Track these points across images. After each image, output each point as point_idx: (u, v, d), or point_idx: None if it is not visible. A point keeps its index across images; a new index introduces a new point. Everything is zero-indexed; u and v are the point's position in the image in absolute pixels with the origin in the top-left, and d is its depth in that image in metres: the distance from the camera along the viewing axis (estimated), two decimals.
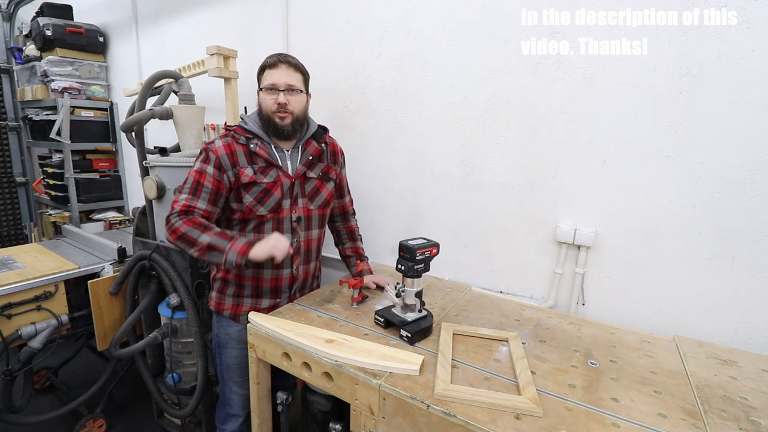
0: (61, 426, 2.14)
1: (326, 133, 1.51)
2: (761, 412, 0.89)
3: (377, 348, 1.09)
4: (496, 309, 1.42)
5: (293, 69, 1.35)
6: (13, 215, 4.12)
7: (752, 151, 1.17)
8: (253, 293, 1.45)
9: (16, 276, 1.83)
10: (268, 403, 1.38)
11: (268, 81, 1.33)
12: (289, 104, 1.33)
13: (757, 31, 1.13)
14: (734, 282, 1.24)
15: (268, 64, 1.34)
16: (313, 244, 1.50)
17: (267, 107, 1.34)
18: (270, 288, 1.45)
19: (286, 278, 1.45)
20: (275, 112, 1.34)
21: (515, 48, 1.51)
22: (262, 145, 1.37)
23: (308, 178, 1.44)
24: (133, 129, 1.86)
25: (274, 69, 1.33)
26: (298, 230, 1.44)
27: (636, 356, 1.13)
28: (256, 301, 1.46)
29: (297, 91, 1.35)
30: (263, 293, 1.45)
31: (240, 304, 1.46)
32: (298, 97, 1.36)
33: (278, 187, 1.37)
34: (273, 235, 1.25)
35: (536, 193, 1.55)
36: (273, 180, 1.37)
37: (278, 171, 1.38)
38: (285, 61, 1.34)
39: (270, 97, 1.33)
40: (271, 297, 1.46)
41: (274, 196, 1.36)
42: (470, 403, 0.89)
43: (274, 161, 1.37)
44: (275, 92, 1.32)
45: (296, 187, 1.41)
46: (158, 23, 2.89)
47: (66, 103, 3.04)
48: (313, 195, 1.46)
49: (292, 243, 1.41)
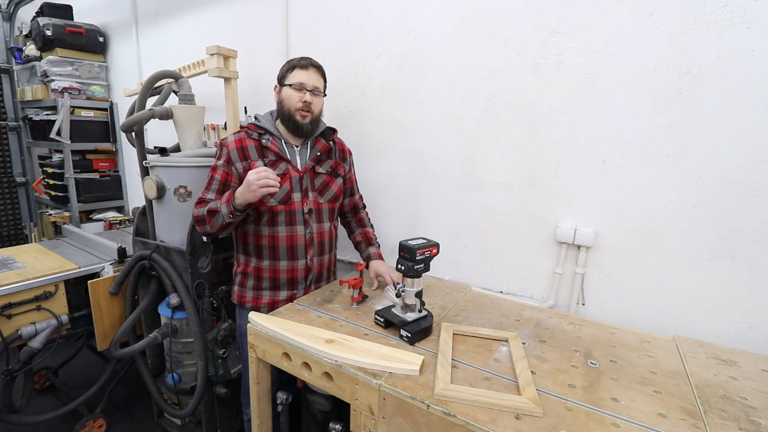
0: (61, 426, 2.14)
1: (335, 133, 1.60)
2: (761, 412, 0.89)
3: (377, 348, 1.09)
4: (496, 309, 1.42)
5: (320, 74, 1.47)
6: (13, 215, 4.12)
7: (752, 151, 1.17)
8: (271, 285, 1.52)
9: (16, 276, 1.83)
10: (268, 403, 1.38)
11: (298, 79, 1.41)
12: (312, 104, 1.43)
13: (757, 31, 1.13)
14: (734, 282, 1.24)
15: (300, 65, 1.43)
16: (325, 236, 1.56)
17: (292, 103, 1.42)
18: (287, 279, 1.52)
19: (302, 269, 1.52)
20: (299, 110, 1.42)
21: (515, 48, 1.51)
22: (273, 140, 1.46)
23: (317, 173, 1.53)
24: (133, 129, 1.86)
25: (304, 70, 1.42)
26: (310, 222, 1.51)
27: (636, 356, 1.13)
28: (275, 293, 1.53)
29: (321, 94, 1.47)
30: (280, 285, 1.53)
31: (260, 297, 1.53)
32: (320, 99, 1.48)
33: (287, 180, 1.45)
34: (249, 173, 1.27)
35: (536, 193, 1.55)
36: (282, 172, 1.44)
37: (287, 164, 1.46)
38: (316, 65, 1.46)
39: (297, 94, 1.41)
40: (288, 288, 1.54)
41: (283, 187, 1.43)
42: (470, 403, 0.89)
43: (283, 155, 1.46)
44: (303, 91, 1.41)
45: (306, 181, 1.49)
46: (158, 23, 2.89)
47: (66, 103, 3.04)
48: (323, 189, 1.54)
49: (306, 234, 1.50)
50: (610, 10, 1.32)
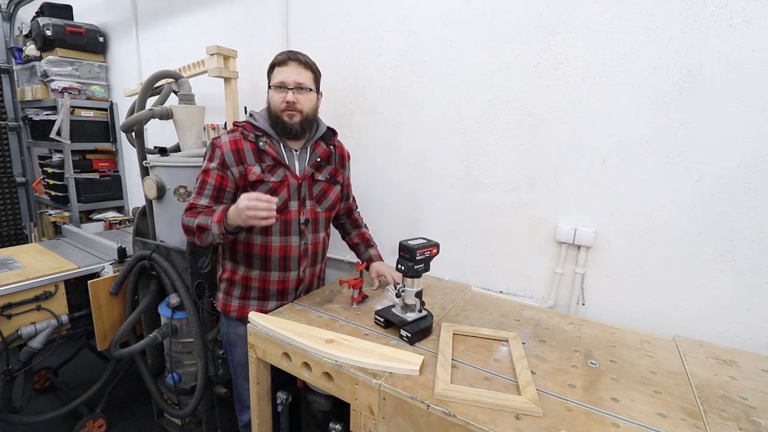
0: (61, 426, 2.14)
1: (335, 136, 1.49)
2: (761, 412, 0.89)
3: (377, 348, 1.09)
4: (496, 309, 1.42)
5: (303, 67, 1.31)
6: (13, 215, 4.12)
7: (752, 151, 1.17)
8: (259, 295, 1.44)
9: (16, 276, 1.83)
10: (268, 403, 1.38)
11: (278, 79, 1.30)
12: (297, 103, 1.29)
13: (757, 31, 1.13)
14: (734, 282, 1.24)
15: (278, 62, 1.31)
16: (319, 246, 1.49)
17: (275, 105, 1.31)
18: (277, 290, 1.44)
19: (293, 280, 1.44)
20: (283, 111, 1.30)
21: (515, 48, 1.51)
22: (270, 143, 1.34)
23: (316, 181, 1.43)
24: (133, 129, 1.86)
25: (283, 66, 1.30)
26: (306, 233, 1.41)
27: (636, 356, 1.13)
28: (263, 304, 1.45)
29: (306, 89, 1.31)
30: (270, 296, 1.44)
31: (246, 306, 1.44)
32: (308, 95, 1.32)
33: (285, 187, 1.35)
34: (241, 198, 1.16)
35: (536, 193, 1.55)
36: (280, 179, 1.34)
37: (286, 171, 1.35)
38: (295, 58, 1.31)
39: (278, 95, 1.30)
40: (278, 299, 1.45)
41: (280, 195, 1.33)
42: (470, 403, 0.89)
43: (282, 160, 1.34)
44: (284, 90, 1.29)
45: (304, 189, 1.39)
46: (158, 23, 2.89)
47: (66, 103, 3.04)
48: (321, 197, 1.44)
49: (300, 245, 1.41)
50: (610, 10, 1.32)
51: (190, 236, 1.33)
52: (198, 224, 1.28)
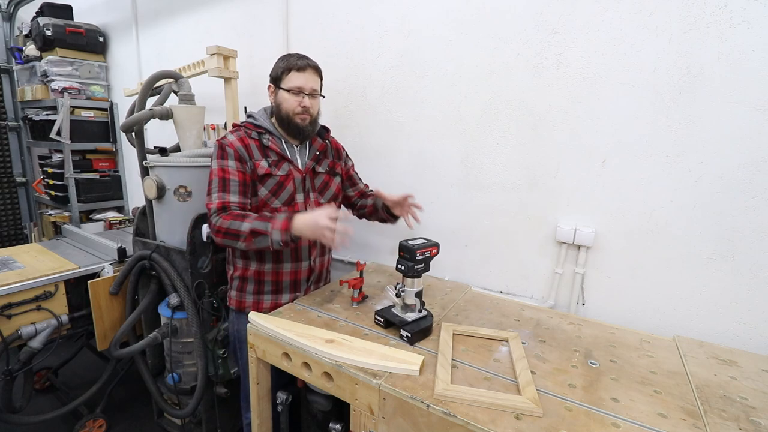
0: (61, 426, 2.14)
1: (328, 132, 1.59)
2: (761, 412, 0.89)
3: (377, 348, 1.09)
4: (496, 309, 1.42)
5: (317, 74, 1.42)
6: (13, 215, 4.12)
7: (752, 151, 1.17)
8: (273, 289, 1.49)
9: (16, 276, 1.82)
10: (268, 403, 1.38)
11: (295, 83, 1.37)
12: (311, 107, 1.40)
13: (757, 31, 1.13)
14: (734, 282, 1.24)
15: (296, 67, 1.37)
16: None
17: (290, 108, 1.38)
18: (290, 281, 1.49)
19: (305, 270, 1.50)
20: (297, 114, 1.39)
21: (515, 48, 1.51)
22: (273, 140, 1.43)
23: (317, 173, 1.51)
24: (133, 129, 1.86)
25: (301, 72, 1.37)
26: None
27: (636, 356, 1.13)
28: (277, 297, 1.50)
29: (318, 94, 1.43)
30: (283, 288, 1.50)
31: (261, 301, 1.49)
32: (317, 100, 1.44)
33: (290, 180, 1.43)
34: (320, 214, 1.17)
35: (536, 193, 1.55)
36: (286, 173, 1.42)
37: (290, 165, 1.44)
38: (313, 65, 1.40)
39: (295, 99, 1.37)
40: (291, 291, 1.51)
41: (287, 188, 1.42)
42: (470, 403, 0.89)
43: (285, 155, 1.43)
44: (301, 95, 1.37)
45: (307, 182, 1.47)
46: (158, 23, 2.89)
47: (66, 103, 3.04)
48: (323, 189, 1.53)
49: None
50: (610, 10, 1.32)
51: (231, 240, 1.27)
52: (252, 229, 1.24)
